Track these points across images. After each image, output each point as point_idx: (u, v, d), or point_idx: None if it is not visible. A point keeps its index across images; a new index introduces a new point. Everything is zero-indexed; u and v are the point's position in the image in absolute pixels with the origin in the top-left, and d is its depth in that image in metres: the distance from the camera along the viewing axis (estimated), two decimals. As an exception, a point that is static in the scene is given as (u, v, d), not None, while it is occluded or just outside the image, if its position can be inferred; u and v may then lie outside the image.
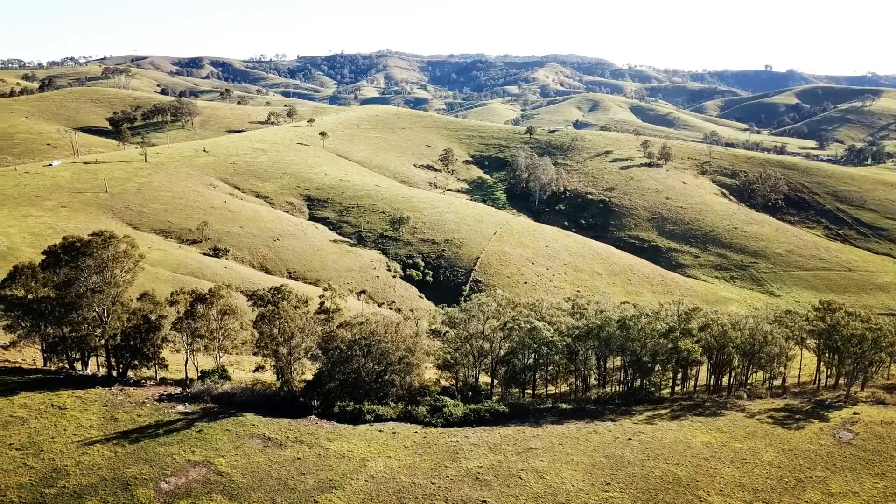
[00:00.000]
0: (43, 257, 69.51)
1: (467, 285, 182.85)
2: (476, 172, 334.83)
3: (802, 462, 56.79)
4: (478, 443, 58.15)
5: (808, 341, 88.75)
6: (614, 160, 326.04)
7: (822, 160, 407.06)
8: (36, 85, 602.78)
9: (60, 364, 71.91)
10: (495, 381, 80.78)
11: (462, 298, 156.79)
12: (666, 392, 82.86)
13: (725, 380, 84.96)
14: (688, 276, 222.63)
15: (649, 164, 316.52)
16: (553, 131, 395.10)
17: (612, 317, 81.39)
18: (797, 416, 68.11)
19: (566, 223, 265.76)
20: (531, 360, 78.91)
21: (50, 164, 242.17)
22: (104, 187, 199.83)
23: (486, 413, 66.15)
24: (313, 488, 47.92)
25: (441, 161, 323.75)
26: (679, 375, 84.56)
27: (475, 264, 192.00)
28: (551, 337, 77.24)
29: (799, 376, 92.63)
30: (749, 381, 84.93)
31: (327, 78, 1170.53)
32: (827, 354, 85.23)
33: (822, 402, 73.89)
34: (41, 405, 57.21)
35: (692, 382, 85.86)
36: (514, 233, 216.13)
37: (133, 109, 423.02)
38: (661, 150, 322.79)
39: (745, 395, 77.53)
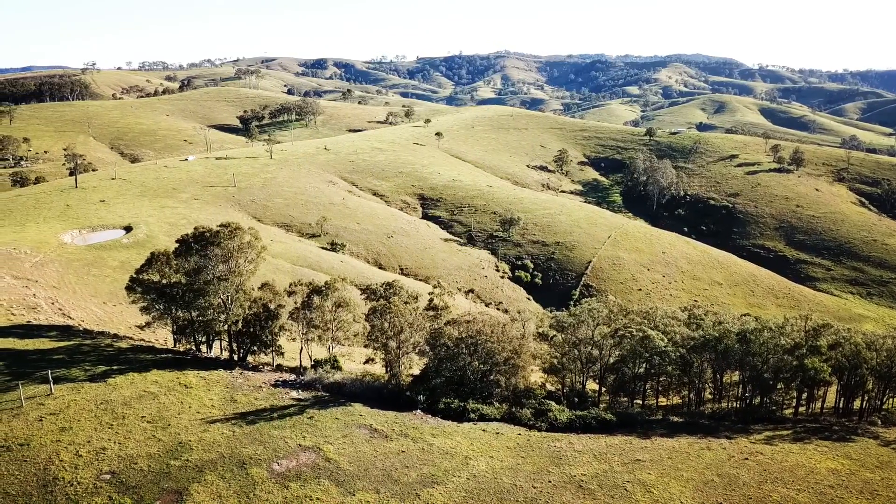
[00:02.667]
0: (176, 245, 74.43)
1: (577, 289, 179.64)
2: (591, 174, 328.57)
3: (946, 500, 51.45)
4: (582, 450, 56.84)
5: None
6: (740, 165, 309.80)
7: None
8: (176, 85, 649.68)
9: (188, 346, 76.93)
10: (603, 389, 78.76)
11: (571, 303, 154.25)
12: (788, 412, 77.59)
13: (857, 403, 78.39)
14: (818, 290, 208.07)
15: (779, 170, 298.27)
16: (674, 133, 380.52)
17: (732, 329, 77.13)
18: (941, 449, 61.80)
19: (685, 229, 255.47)
20: (642, 370, 76.30)
21: (186, 159, 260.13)
22: (233, 182, 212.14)
23: (593, 420, 64.54)
24: (416, 482, 48.54)
25: (555, 162, 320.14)
26: (804, 395, 78.95)
27: (587, 268, 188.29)
28: (665, 347, 74.28)
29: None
30: (885, 407, 78.03)
31: (445, 79, 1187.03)
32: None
33: (973, 436, 66.65)
34: (170, 383, 61.34)
35: (818, 404, 79.92)
36: (630, 237, 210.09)
37: (261, 108, 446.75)
38: (793, 154, 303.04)
39: (879, 422, 71.21)
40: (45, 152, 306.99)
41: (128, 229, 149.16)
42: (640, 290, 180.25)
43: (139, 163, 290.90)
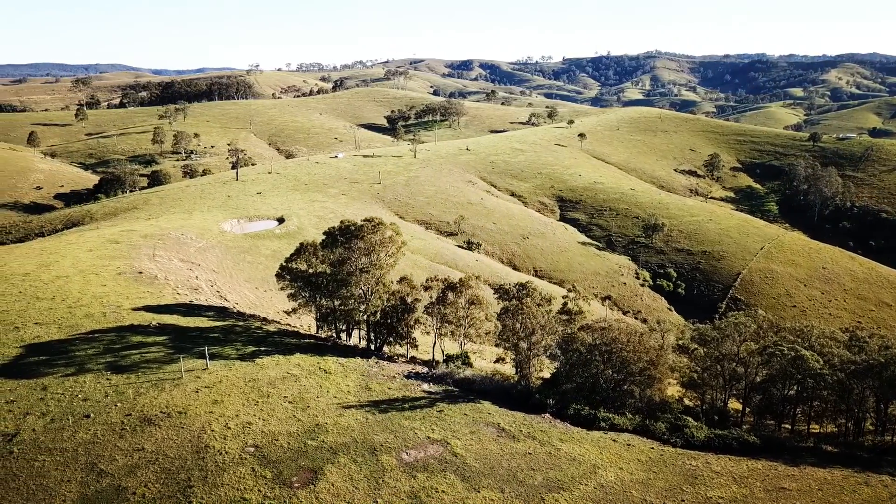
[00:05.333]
0: (323, 237, 78.28)
1: (724, 302, 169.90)
2: (745, 181, 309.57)
3: None
4: (721, 471, 53.51)
5: None
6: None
7: None
8: (330, 86, 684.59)
9: (329, 333, 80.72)
10: (747, 409, 73.68)
11: (717, 316, 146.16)
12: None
13: None
14: None
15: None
16: (843, 139, 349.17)
17: (901, 355, 69.52)
18: None
19: (850, 243, 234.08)
20: (792, 392, 70.59)
21: (335, 156, 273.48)
22: (378, 179, 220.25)
23: (734, 441, 60.53)
24: (541, 485, 47.87)
25: (705, 167, 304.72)
26: None
27: (735, 280, 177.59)
28: (820, 369, 68.27)
29: None
30: None
31: (591, 80, 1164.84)
32: None
33: None
34: (311, 367, 64.61)
35: None
36: (786, 250, 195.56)
37: (407, 109, 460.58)
38: None
39: None
40: (212, 147, 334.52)
41: (280, 220, 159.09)
42: (795, 306, 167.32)
43: (293, 159, 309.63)
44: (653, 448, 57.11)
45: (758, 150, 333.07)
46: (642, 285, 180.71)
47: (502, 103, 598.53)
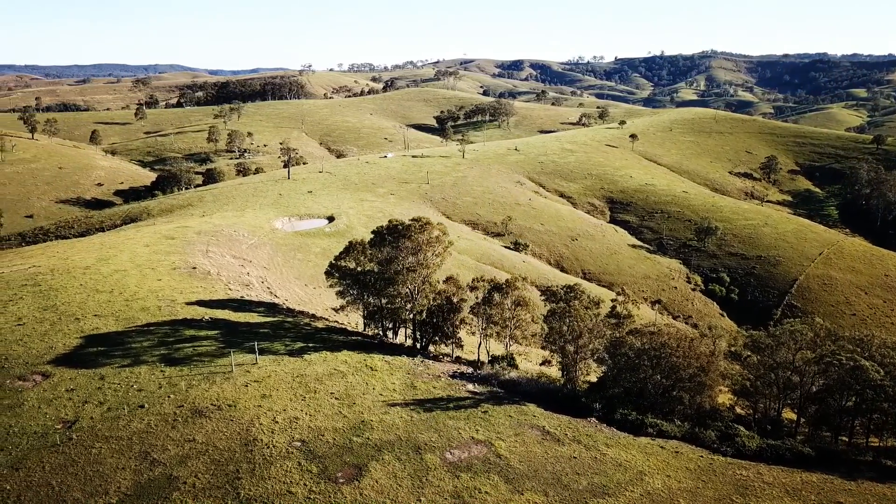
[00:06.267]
0: (371, 236, 79.01)
1: (779, 309, 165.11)
2: (803, 184, 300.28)
3: None
4: (773, 483, 51.94)
5: None
6: None
7: None
8: (380, 86, 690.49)
9: (375, 331, 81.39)
10: (802, 420, 71.36)
11: (771, 322, 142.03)
12: None
13: None
14: None
15: None
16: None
17: (970, 368, 66.34)
18: None
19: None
20: (850, 403, 68.02)
21: (385, 156, 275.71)
22: (426, 179, 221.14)
23: (787, 452, 58.67)
24: (586, 490, 47.28)
25: (761, 169, 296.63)
26: None
27: (791, 287, 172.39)
28: (880, 380, 65.64)
29: None
30: None
31: (643, 80, 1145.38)
32: None
33: None
34: (357, 364, 65.24)
35: None
36: (846, 256, 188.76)
37: (457, 109, 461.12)
38: None
39: None
40: (265, 145, 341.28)
41: (330, 219, 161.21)
42: (854, 315, 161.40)
43: (343, 158, 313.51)
44: (702, 456, 55.82)
45: (817, 153, 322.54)
46: (694, 290, 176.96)
47: (552, 103, 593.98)
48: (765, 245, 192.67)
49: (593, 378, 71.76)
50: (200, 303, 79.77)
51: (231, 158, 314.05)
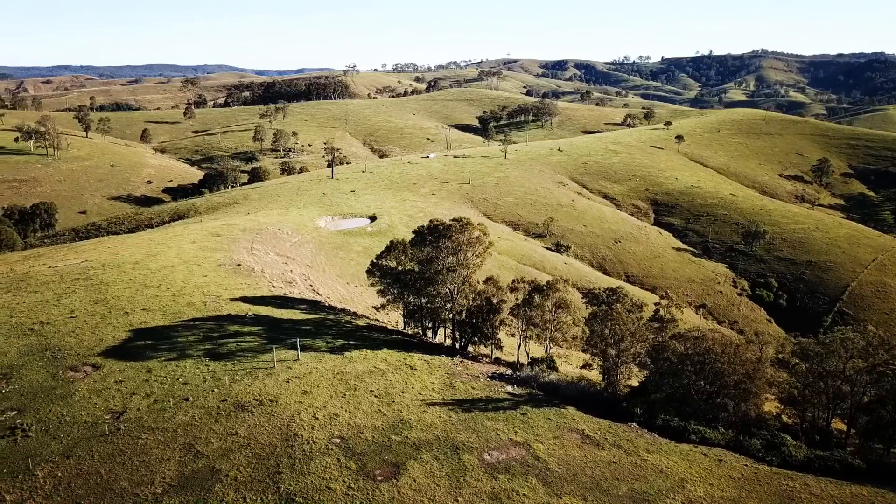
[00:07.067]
0: (412, 236, 79.30)
1: (829, 316, 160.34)
2: (857, 187, 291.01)
3: None
4: (820, 494, 50.40)
5: None
6: None
7: None
8: (423, 86, 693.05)
9: (415, 330, 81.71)
10: (852, 431, 69.05)
11: (821, 330, 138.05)
12: None
13: None
14: None
15: None
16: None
17: None
18: None
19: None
20: (905, 415, 65.62)
21: (427, 156, 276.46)
22: (467, 179, 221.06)
23: (836, 464, 56.86)
24: (626, 496, 46.60)
25: (813, 172, 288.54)
26: None
27: (843, 293, 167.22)
28: (937, 392, 63.15)
29: None
30: None
31: (691, 80, 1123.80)
32: None
33: None
34: (397, 362, 65.56)
35: None
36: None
37: (499, 109, 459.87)
38: None
39: None
40: (309, 145, 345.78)
41: (372, 218, 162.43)
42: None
43: (386, 158, 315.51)
44: (746, 465, 54.51)
45: (872, 156, 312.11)
46: (740, 295, 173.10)
47: (597, 104, 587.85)
48: (815, 250, 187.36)
49: (635, 382, 70.73)
50: (244, 299, 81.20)
51: (276, 157, 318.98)
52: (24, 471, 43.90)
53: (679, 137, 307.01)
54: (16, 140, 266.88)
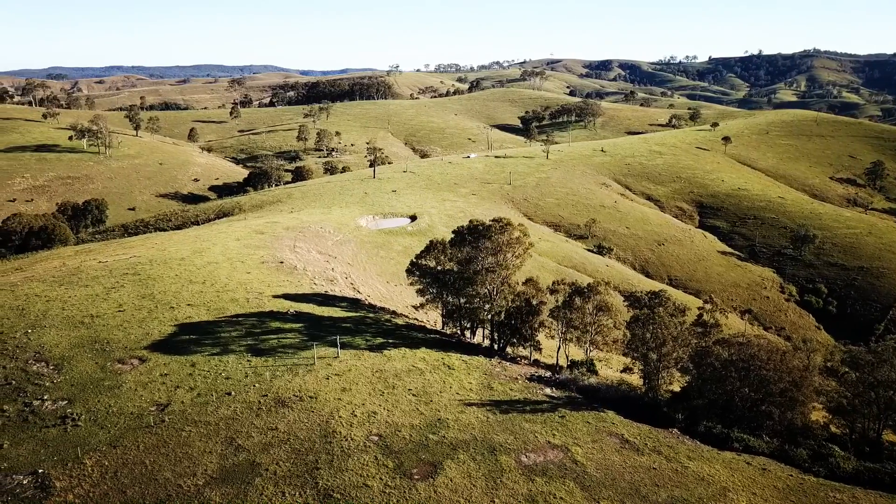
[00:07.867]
0: (452, 236, 79.41)
1: (882, 324, 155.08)
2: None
3: None
4: (870, 509, 48.79)
5: None
6: None
7: None
8: (466, 86, 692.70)
9: (454, 330, 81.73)
10: (905, 443, 66.70)
11: (872, 338, 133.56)
12: None
13: None
14: None
15: None
16: None
17: None
18: None
19: None
20: (961, 428, 63.12)
21: (468, 157, 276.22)
22: (508, 180, 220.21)
23: (887, 476, 54.96)
24: (665, 503, 45.81)
25: (866, 175, 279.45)
26: None
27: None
28: None
29: None
30: None
31: (739, 80, 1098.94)
32: None
33: None
34: (435, 361, 65.68)
35: None
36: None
37: (542, 109, 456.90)
38: None
39: None
40: (352, 145, 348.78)
41: (412, 218, 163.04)
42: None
43: (427, 158, 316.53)
44: (791, 476, 53.09)
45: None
46: (787, 300, 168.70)
47: (641, 104, 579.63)
48: (868, 255, 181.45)
49: (676, 388, 69.51)
50: (286, 296, 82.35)
51: (319, 157, 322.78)
52: (74, 459, 45.31)
53: (726, 139, 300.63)
54: (70, 138, 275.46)
